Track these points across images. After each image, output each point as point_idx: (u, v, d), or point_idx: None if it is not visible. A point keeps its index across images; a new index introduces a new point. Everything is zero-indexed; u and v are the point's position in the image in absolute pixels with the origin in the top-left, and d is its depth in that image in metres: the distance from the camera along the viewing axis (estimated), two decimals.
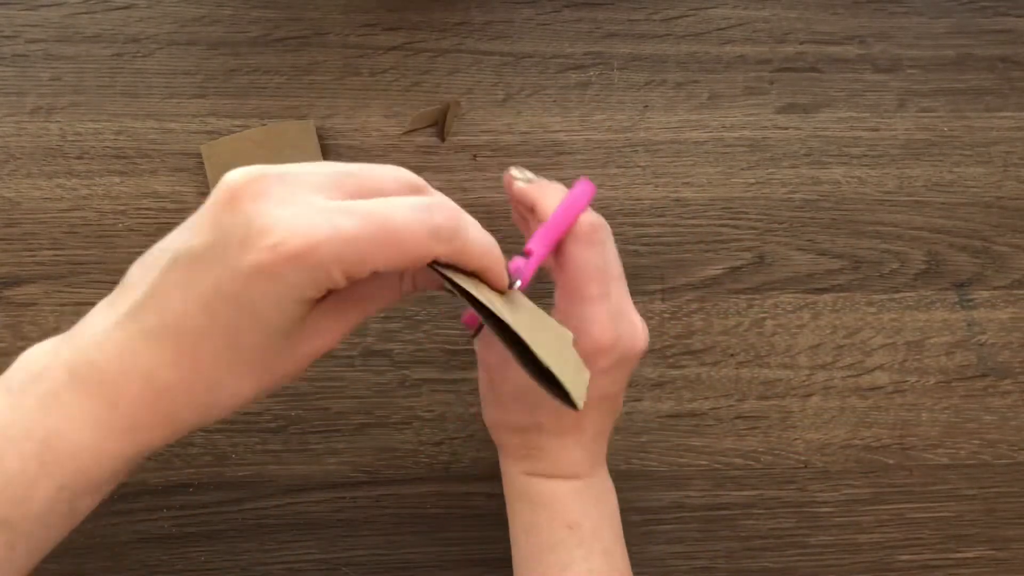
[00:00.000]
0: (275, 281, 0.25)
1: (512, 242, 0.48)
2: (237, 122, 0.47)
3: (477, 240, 0.28)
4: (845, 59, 0.50)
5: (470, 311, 0.35)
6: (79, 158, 0.47)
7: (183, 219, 0.28)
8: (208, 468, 0.45)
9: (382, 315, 0.46)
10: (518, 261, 0.34)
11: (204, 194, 0.46)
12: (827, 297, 0.48)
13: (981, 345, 0.48)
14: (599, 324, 0.35)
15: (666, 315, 0.47)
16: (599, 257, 0.36)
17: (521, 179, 0.39)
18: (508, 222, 0.47)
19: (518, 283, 0.33)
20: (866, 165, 0.49)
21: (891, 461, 0.46)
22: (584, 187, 0.38)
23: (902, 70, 0.50)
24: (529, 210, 0.38)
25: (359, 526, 0.45)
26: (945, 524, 0.46)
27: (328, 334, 0.29)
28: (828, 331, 0.47)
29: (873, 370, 0.47)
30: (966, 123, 0.50)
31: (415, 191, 0.28)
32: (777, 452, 0.46)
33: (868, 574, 0.46)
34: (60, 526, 0.27)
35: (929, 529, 0.46)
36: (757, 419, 0.46)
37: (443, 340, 0.46)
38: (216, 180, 0.46)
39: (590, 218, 0.37)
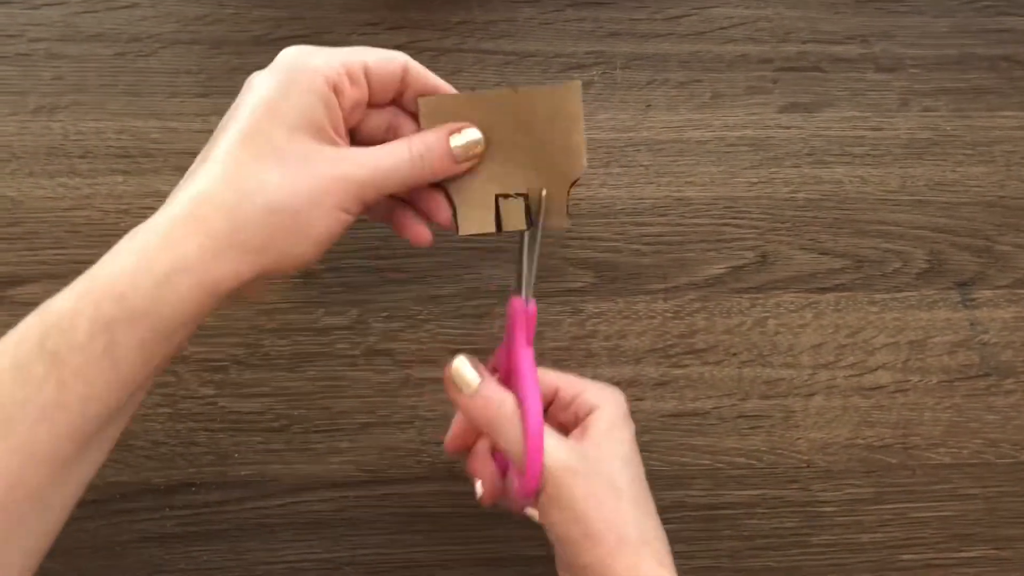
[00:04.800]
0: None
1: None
2: None
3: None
4: (847, 58, 0.50)
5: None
6: (82, 157, 0.46)
7: None
8: (211, 467, 0.45)
9: (384, 314, 0.46)
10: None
11: None
12: (830, 296, 0.48)
13: (984, 344, 0.48)
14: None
15: (668, 314, 0.47)
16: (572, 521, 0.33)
17: (465, 390, 0.34)
18: None
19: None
20: (868, 164, 0.49)
21: (894, 460, 0.46)
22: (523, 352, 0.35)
23: (904, 69, 0.50)
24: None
25: (362, 525, 0.45)
26: (948, 523, 0.46)
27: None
28: (830, 330, 0.47)
29: (876, 369, 0.47)
30: (968, 122, 0.50)
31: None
32: (780, 451, 0.46)
33: (870, 573, 0.46)
34: (104, 370, 0.28)
35: (931, 528, 0.46)
36: (759, 418, 0.46)
37: (446, 339, 0.46)
38: None
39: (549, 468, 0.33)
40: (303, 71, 0.32)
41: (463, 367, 0.34)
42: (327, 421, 0.45)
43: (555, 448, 0.33)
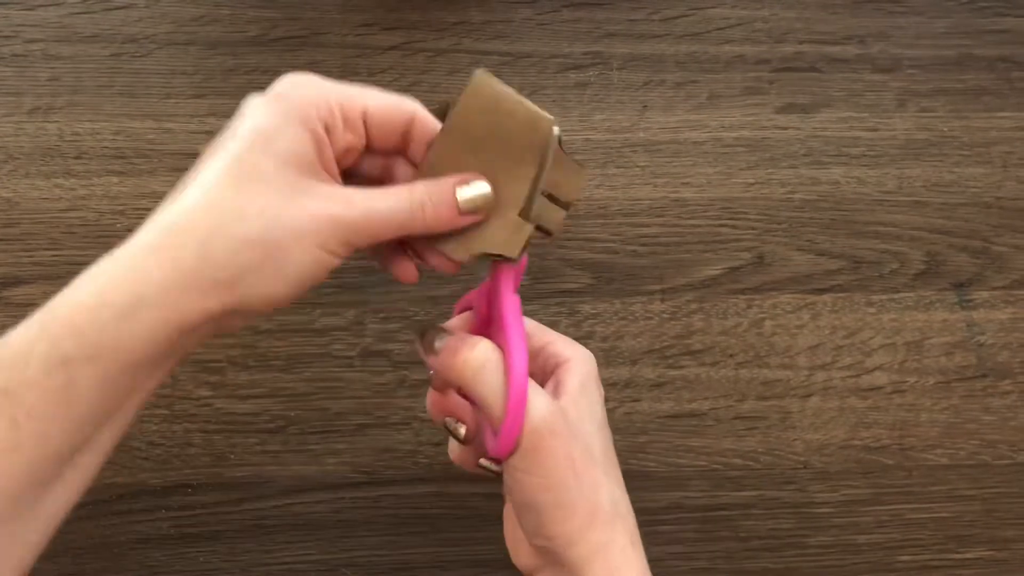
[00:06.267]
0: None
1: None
2: None
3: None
4: (844, 59, 0.50)
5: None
6: (77, 158, 0.46)
7: None
8: (207, 468, 0.45)
9: (381, 315, 0.46)
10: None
11: None
12: (826, 297, 0.47)
13: (980, 345, 0.48)
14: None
15: (665, 315, 0.47)
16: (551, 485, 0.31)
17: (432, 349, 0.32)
18: None
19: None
20: (865, 165, 0.49)
21: (890, 462, 0.46)
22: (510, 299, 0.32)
23: (901, 70, 0.50)
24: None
25: (358, 527, 0.45)
26: (944, 525, 0.46)
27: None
28: (827, 331, 0.47)
29: (872, 370, 0.47)
30: (966, 123, 0.50)
31: None
32: (776, 452, 0.46)
33: (868, 575, 0.46)
34: (60, 407, 0.26)
35: (928, 530, 0.46)
36: (756, 419, 0.46)
37: None
38: None
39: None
40: (298, 103, 0.29)
41: (430, 335, 0.32)
42: (323, 422, 0.45)
43: (539, 404, 0.30)
